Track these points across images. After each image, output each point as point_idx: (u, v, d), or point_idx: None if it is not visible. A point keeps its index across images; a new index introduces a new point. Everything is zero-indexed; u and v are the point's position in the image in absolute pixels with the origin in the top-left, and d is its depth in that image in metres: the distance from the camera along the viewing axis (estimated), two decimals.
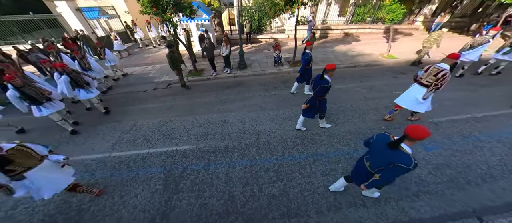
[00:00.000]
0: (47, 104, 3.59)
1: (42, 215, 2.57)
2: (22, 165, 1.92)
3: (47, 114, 3.62)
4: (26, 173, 1.95)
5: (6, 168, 1.81)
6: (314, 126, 3.82)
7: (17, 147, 1.92)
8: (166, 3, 4.93)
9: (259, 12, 9.56)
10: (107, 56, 6.32)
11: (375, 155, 1.75)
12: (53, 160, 2.24)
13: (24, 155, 1.96)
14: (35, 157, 2.05)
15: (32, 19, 9.15)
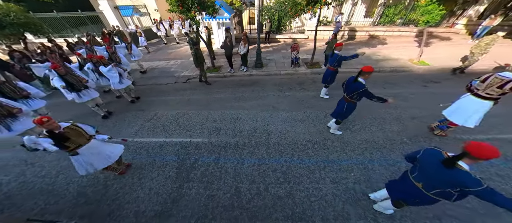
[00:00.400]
0: (85, 92, 4.05)
1: (76, 186, 2.95)
2: (75, 143, 2.21)
3: (84, 101, 4.08)
4: (79, 150, 2.25)
5: (64, 144, 2.11)
6: (328, 132, 3.67)
7: (71, 126, 2.20)
8: (191, 2, 5.18)
9: (280, 12, 9.45)
10: (133, 51, 6.87)
11: (428, 174, 1.48)
12: (99, 139, 2.52)
13: (76, 134, 2.24)
14: (84, 136, 2.32)
15: (79, 16, 10.42)
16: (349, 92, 2.80)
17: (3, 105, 2.97)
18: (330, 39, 5.76)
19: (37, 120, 1.94)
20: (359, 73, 2.62)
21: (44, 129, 2.00)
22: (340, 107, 3.09)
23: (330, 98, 4.82)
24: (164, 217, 2.45)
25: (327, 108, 4.42)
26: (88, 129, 2.40)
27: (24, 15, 7.94)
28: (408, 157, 1.78)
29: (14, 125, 3.05)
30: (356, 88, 2.64)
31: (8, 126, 2.97)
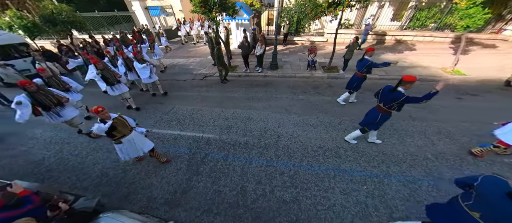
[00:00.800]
0: (117, 86, 4.41)
1: (101, 167, 3.27)
2: (120, 132, 2.44)
3: (117, 94, 4.42)
4: (122, 139, 2.49)
5: (112, 133, 2.35)
6: (341, 140, 3.49)
7: (119, 117, 2.44)
8: (213, 3, 5.38)
9: (299, 14, 9.28)
10: (156, 50, 7.30)
11: (489, 205, 1.32)
12: (139, 131, 2.75)
13: (122, 124, 2.46)
14: (128, 127, 2.53)
15: (115, 15, 11.52)
16: (387, 102, 2.58)
17: (54, 95, 3.30)
18: (351, 43, 5.47)
19: (94, 109, 2.17)
20: (399, 82, 2.42)
21: (99, 117, 2.24)
22: (372, 117, 2.87)
23: (345, 105, 4.58)
24: (173, 205, 2.58)
25: (342, 114, 4.21)
26: (130, 121, 2.62)
27: (72, 14, 9.08)
28: (460, 182, 1.60)
29: (62, 113, 3.41)
30: (395, 98, 2.44)
31: (57, 113, 3.34)
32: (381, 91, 2.68)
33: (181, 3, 13.07)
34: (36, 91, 3.02)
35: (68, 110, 3.50)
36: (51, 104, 3.22)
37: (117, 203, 2.66)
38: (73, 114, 3.59)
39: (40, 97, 3.06)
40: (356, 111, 4.29)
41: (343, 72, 6.13)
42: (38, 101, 3.06)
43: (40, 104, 3.09)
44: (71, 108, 3.60)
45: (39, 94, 3.05)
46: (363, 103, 4.57)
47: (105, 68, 4.20)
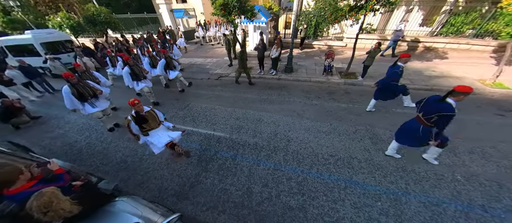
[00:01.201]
0: (144, 81, 4.73)
1: (121, 154, 3.54)
2: (150, 125, 2.55)
3: (140, 88, 4.71)
4: (150, 132, 2.60)
5: (142, 125, 2.47)
6: (355, 150, 3.28)
7: (150, 110, 2.57)
8: (232, 6, 5.53)
9: (318, 17, 9.05)
10: (174, 51, 7.65)
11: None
12: (166, 126, 2.86)
13: (152, 118, 2.56)
14: (156, 120, 2.63)
15: (144, 17, 12.51)
16: (428, 112, 2.27)
17: (91, 87, 3.59)
18: (373, 49, 5.15)
19: (131, 101, 2.32)
20: (451, 92, 2.10)
21: (134, 110, 2.38)
22: (412, 130, 2.51)
23: (361, 114, 4.30)
24: (181, 198, 2.67)
25: (358, 123, 3.96)
26: (160, 115, 2.71)
27: (109, 16, 10.11)
28: None
29: (97, 103, 3.70)
30: (440, 109, 2.11)
31: (93, 104, 3.64)
32: (426, 100, 2.37)
33: (203, 6, 13.68)
34: (77, 82, 3.35)
35: (101, 102, 3.80)
36: (88, 95, 3.52)
37: (132, 189, 2.84)
38: (105, 105, 3.91)
39: (80, 88, 3.39)
40: (373, 120, 4.01)
41: (362, 79, 5.79)
42: (78, 91, 3.38)
43: (79, 94, 3.40)
44: (104, 100, 3.91)
45: (79, 86, 3.39)
46: (380, 113, 4.25)
47: (135, 64, 4.54)
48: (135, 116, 2.38)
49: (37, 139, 4.24)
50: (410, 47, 8.50)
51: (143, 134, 2.59)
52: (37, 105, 5.95)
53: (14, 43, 8.07)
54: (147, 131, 2.56)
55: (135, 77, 4.54)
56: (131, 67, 4.42)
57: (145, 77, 4.71)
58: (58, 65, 6.88)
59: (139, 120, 2.39)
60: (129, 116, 2.45)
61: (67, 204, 1.50)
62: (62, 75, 3.28)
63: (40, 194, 1.40)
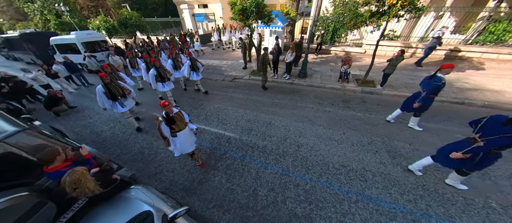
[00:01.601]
0: (168, 83, 4.79)
1: (139, 146, 3.78)
2: (178, 126, 2.49)
3: (165, 90, 4.78)
4: (178, 133, 2.52)
5: (171, 126, 2.43)
6: (369, 162, 3.07)
7: (178, 112, 2.51)
8: (250, 12, 5.66)
9: (336, 23, 8.80)
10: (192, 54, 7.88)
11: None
12: (190, 128, 2.72)
13: (180, 119, 2.51)
14: (183, 122, 2.57)
15: (168, 20, 13.41)
16: (488, 134, 1.93)
17: (121, 86, 3.73)
18: (395, 57, 4.82)
19: (162, 103, 2.30)
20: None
21: (164, 111, 2.37)
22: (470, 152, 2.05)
23: (377, 125, 4.02)
24: (189, 193, 2.75)
25: (374, 134, 3.71)
26: (186, 116, 2.65)
27: (139, 19, 11.07)
28: None
29: (125, 103, 3.81)
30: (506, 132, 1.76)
31: (122, 104, 3.74)
32: (489, 119, 2.01)
33: (222, 11, 14.23)
34: (109, 82, 3.53)
35: (129, 101, 3.96)
36: (118, 95, 3.66)
37: (146, 179, 3.01)
38: (132, 104, 4.10)
39: (111, 88, 3.55)
40: (391, 133, 3.72)
41: (381, 88, 5.44)
42: (110, 90, 3.52)
43: (110, 93, 3.54)
44: (131, 100, 4.06)
45: (111, 86, 3.56)
46: (400, 125, 3.93)
47: (160, 66, 4.66)
48: (165, 117, 2.37)
49: (71, 126, 4.75)
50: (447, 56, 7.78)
51: (172, 136, 2.53)
52: (74, 96, 6.69)
53: (61, 42, 9.24)
54: (175, 132, 2.52)
55: (160, 79, 4.66)
56: (157, 69, 4.53)
57: (169, 79, 4.83)
58: (93, 62, 7.69)
59: (168, 121, 2.38)
60: (160, 117, 2.42)
61: (92, 184, 1.66)
62: (98, 75, 3.48)
63: (73, 172, 1.58)
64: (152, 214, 1.74)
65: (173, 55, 5.60)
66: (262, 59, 5.39)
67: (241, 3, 5.55)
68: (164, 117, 2.38)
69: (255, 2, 5.53)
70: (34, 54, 10.79)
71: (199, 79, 5.58)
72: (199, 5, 14.78)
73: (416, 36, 8.50)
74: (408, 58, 7.96)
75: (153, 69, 4.55)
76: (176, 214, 1.77)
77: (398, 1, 3.74)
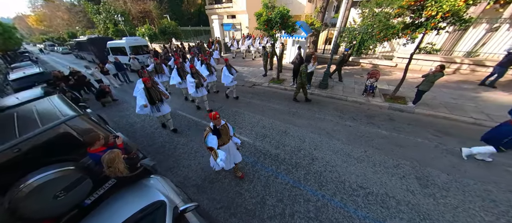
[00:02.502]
0: (201, 89, 4.62)
1: (162, 140, 4.09)
2: (223, 140, 2.38)
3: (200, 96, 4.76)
4: (222, 146, 2.39)
5: None
6: (393, 187, 2.69)
7: (225, 124, 2.40)
8: (275, 22, 5.78)
9: (364, 34, 8.28)
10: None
11: None
12: (234, 142, 2.60)
13: (226, 132, 2.40)
14: (228, 135, 2.44)
15: (200, 29, 14.63)
16: None
17: (160, 91, 3.67)
18: (432, 72, 4.25)
19: (213, 115, 2.16)
20: None
21: (212, 122, 2.22)
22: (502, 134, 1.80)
23: (406, 146, 3.52)
24: (200, 190, 2.82)
25: (402, 156, 3.25)
26: (230, 129, 2.50)
27: (176, 28, 12.39)
28: None
29: (162, 108, 3.75)
30: None
31: (158, 109, 3.70)
32: None
33: (249, 21, 14.88)
34: (150, 87, 3.51)
35: (165, 106, 3.87)
36: (157, 99, 3.62)
37: (163, 171, 3.22)
38: (168, 110, 3.95)
39: (152, 92, 3.53)
40: (425, 157, 3.21)
41: (413, 106, 4.81)
42: (150, 94, 3.50)
43: (150, 97, 3.52)
44: (167, 105, 3.97)
45: (151, 89, 3.53)
46: (438, 150, 3.37)
47: (196, 71, 4.61)
48: (212, 129, 2.22)
49: (112, 115, 5.46)
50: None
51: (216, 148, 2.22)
52: (117, 91, 7.72)
53: (114, 46, 10.93)
54: (219, 146, 2.32)
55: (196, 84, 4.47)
56: (193, 75, 4.42)
57: (203, 85, 4.70)
58: (136, 63, 8.84)
59: (215, 133, 2.23)
60: (207, 128, 2.26)
61: (122, 166, 1.88)
62: (142, 80, 3.46)
63: (111, 151, 1.84)
64: (165, 204, 1.83)
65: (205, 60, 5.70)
66: (305, 71, 4.89)
67: (267, 14, 5.71)
68: (212, 129, 2.25)
69: (280, 14, 5.63)
70: (95, 54, 12.98)
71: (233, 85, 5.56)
72: (228, 16, 15.80)
73: (461, 51, 7.39)
74: (449, 74, 6.93)
75: (189, 75, 4.46)
76: (185, 208, 1.82)
77: (438, 12, 3.33)
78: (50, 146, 2.01)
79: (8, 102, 3.88)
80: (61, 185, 1.83)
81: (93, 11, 18.49)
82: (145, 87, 3.47)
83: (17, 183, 1.65)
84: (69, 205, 1.95)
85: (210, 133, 2.22)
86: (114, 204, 1.94)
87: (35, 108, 2.45)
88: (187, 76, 4.52)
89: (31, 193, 1.66)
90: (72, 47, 19.06)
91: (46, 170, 1.77)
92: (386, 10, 5.16)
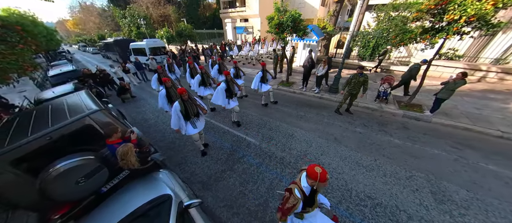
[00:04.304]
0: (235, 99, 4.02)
1: (172, 137, 4.22)
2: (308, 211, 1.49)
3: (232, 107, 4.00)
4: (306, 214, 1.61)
5: None
6: (405, 200, 2.48)
7: None
8: (286, 26, 5.73)
9: (378, 39, 7.88)
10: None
11: None
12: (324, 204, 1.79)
13: None
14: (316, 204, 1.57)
15: (213, 32, 15.03)
16: None
17: (197, 104, 2.98)
18: (452, 80, 3.90)
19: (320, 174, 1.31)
20: None
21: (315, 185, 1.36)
22: None
23: (421, 158, 3.24)
24: (205, 187, 2.86)
25: (416, 168, 3.01)
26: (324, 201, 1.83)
27: (191, 31, 12.85)
28: None
29: (197, 124, 3.07)
30: None
31: (194, 124, 3.02)
32: None
33: (261, 24, 14.96)
34: (187, 99, 2.88)
35: (201, 122, 3.16)
36: (192, 114, 2.96)
37: (172, 166, 3.32)
38: (202, 126, 3.21)
39: (188, 106, 2.90)
40: (442, 171, 2.94)
41: (430, 115, 4.45)
42: (185, 108, 2.87)
43: (186, 111, 2.89)
44: (202, 120, 3.22)
45: (187, 103, 2.90)
46: (458, 163, 3.06)
47: (231, 79, 3.96)
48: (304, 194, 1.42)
49: (130, 111, 5.79)
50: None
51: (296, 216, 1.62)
52: (135, 88, 8.18)
53: (136, 47, 11.63)
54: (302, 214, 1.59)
55: (229, 95, 3.82)
56: (228, 83, 3.76)
57: (236, 95, 4.05)
58: (154, 63, 9.32)
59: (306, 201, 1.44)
60: (297, 191, 1.42)
61: (134, 159, 1.97)
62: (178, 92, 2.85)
63: (125, 145, 1.95)
64: (171, 198, 1.88)
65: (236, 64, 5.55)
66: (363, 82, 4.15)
67: (278, 18, 5.69)
68: (304, 194, 1.41)
69: (291, 17, 5.57)
70: (119, 54, 13.92)
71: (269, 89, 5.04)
72: (241, 19, 16.04)
73: (487, 58, 6.71)
74: (473, 82, 6.32)
75: (224, 83, 3.82)
76: (190, 204, 1.84)
77: (461, 16, 3.04)
78: (75, 136, 2.17)
79: (46, 96, 4.33)
80: (82, 172, 1.97)
81: (120, 16, 19.91)
82: (181, 101, 2.86)
83: (47, 167, 1.81)
84: (88, 191, 2.09)
85: (301, 202, 1.39)
86: (126, 194, 2.04)
87: (66, 102, 2.67)
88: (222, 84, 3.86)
89: (58, 177, 1.81)
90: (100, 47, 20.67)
91: (70, 157, 1.92)
92: (403, 13, 4.88)
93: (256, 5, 14.53)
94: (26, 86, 8.74)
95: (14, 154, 1.80)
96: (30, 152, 1.88)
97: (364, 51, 8.51)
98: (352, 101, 4.76)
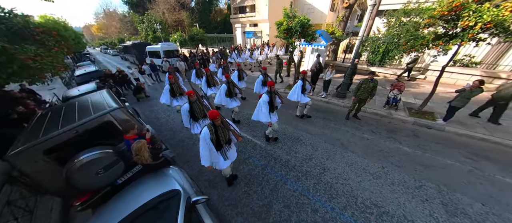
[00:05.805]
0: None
1: (182, 135, 4.36)
2: None
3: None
4: None
5: None
6: (413, 210, 2.37)
7: None
8: (295, 31, 5.76)
9: (389, 44, 7.65)
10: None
11: None
12: None
13: None
14: None
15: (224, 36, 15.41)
16: None
17: (231, 129, 2.36)
18: (469, 88, 3.69)
19: None
20: None
21: None
22: None
23: (433, 167, 3.07)
24: (211, 185, 2.92)
25: (426, 177, 2.86)
26: None
27: (203, 35, 13.29)
28: None
29: (228, 154, 2.40)
30: None
31: (225, 155, 2.36)
32: None
33: (270, 29, 15.11)
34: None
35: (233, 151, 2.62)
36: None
37: (181, 163, 3.42)
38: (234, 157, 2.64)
39: (195, 107, 2.98)
40: (455, 181, 2.77)
41: (443, 123, 4.22)
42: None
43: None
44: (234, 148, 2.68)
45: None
46: (473, 175, 2.87)
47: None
48: None
49: (144, 110, 6.06)
50: None
51: None
52: (150, 88, 8.56)
53: (152, 50, 12.21)
54: None
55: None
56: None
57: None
58: (167, 65, 9.71)
59: None
60: None
61: (146, 155, 2.09)
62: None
63: (139, 141, 2.08)
64: (180, 194, 1.95)
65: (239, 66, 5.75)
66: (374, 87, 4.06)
67: (287, 23, 5.74)
68: None
69: (300, 23, 5.60)
70: (136, 56, 14.67)
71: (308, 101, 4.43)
72: (250, 24, 16.32)
73: (508, 65, 6.26)
74: (491, 91, 5.90)
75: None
76: (197, 200, 1.90)
77: (477, 23, 2.90)
78: (96, 131, 2.34)
79: (73, 93, 4.69)
80: (102, 164, 2.12)
81: (138, 21, 21.06)
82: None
83: (72, 158, 1.98)
84: (106, 182, 2.24)
85: None
86: (139, 187, 2.14)
87: (90, 99, 2.88)
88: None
89: (81, 167, 1.97)
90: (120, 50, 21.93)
91: (92, 150, 2.08)
92: (415, 19, 4.72)
93: (266, 10, 14.72)
94: (55, 84, 9.47)
95: (46, 145, 1.98)
96: (60, 144, 2.05)
97: (373, 56, 8.29)
98: (360, 106, 4.64)
